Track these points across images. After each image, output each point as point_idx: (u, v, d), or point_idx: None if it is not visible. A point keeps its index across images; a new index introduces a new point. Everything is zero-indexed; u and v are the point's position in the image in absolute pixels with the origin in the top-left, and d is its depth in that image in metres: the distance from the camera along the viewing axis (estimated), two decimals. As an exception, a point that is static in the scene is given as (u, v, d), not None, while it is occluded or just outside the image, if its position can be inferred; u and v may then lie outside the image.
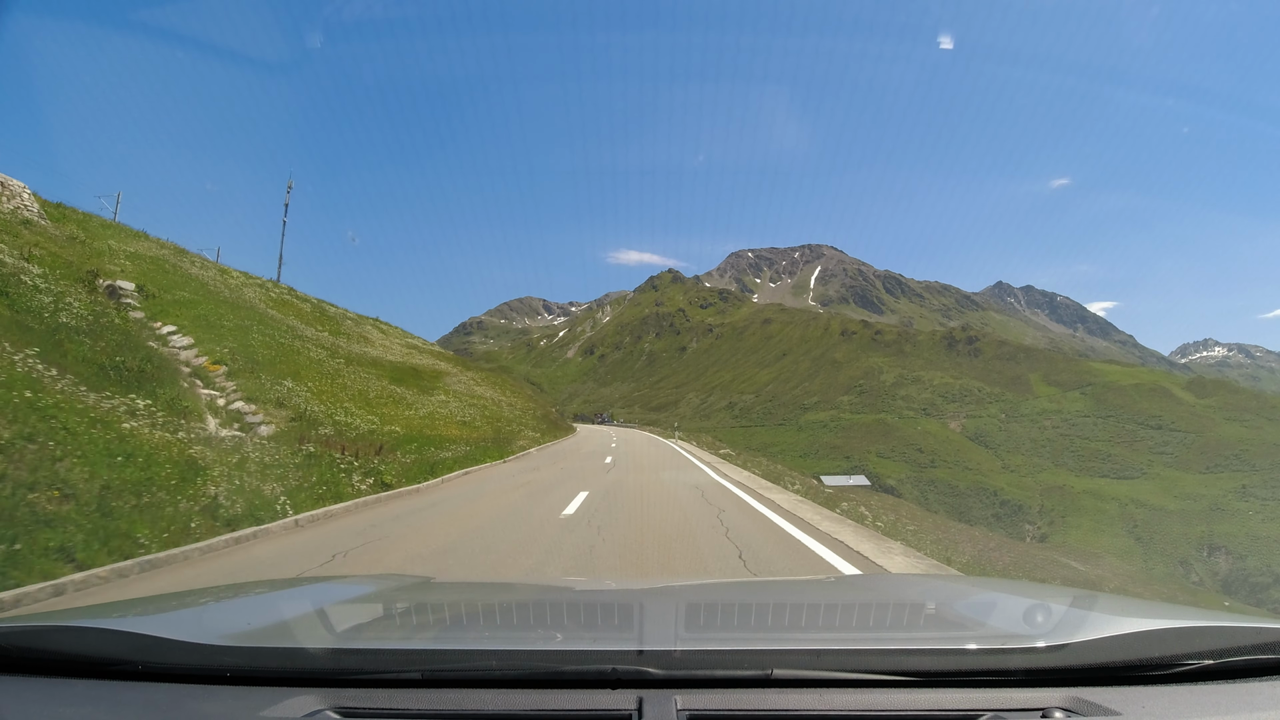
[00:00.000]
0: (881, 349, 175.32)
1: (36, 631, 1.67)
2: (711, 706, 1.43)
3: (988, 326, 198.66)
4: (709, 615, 2.33)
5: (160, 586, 6.53)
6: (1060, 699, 1.45)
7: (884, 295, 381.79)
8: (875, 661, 1.56)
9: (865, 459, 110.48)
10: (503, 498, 14.44)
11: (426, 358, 45.29)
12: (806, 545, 9.15)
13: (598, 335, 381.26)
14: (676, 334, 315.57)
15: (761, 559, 8.11)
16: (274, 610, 2.27)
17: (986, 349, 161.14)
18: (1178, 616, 1.91)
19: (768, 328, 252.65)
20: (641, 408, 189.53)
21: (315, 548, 8.60)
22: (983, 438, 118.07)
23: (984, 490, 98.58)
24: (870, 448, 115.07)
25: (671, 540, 9.49)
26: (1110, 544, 75.00)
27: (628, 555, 8.26)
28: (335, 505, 11.63)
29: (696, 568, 7.64)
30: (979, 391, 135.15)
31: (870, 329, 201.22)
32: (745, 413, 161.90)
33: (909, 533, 12.12)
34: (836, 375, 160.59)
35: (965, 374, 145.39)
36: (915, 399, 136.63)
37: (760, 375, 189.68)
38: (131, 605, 2.31)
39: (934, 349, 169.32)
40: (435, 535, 9.71)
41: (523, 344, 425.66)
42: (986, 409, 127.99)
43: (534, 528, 10.36)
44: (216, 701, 1.46)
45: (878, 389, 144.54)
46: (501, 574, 7.25)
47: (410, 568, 7.52)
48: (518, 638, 2.05)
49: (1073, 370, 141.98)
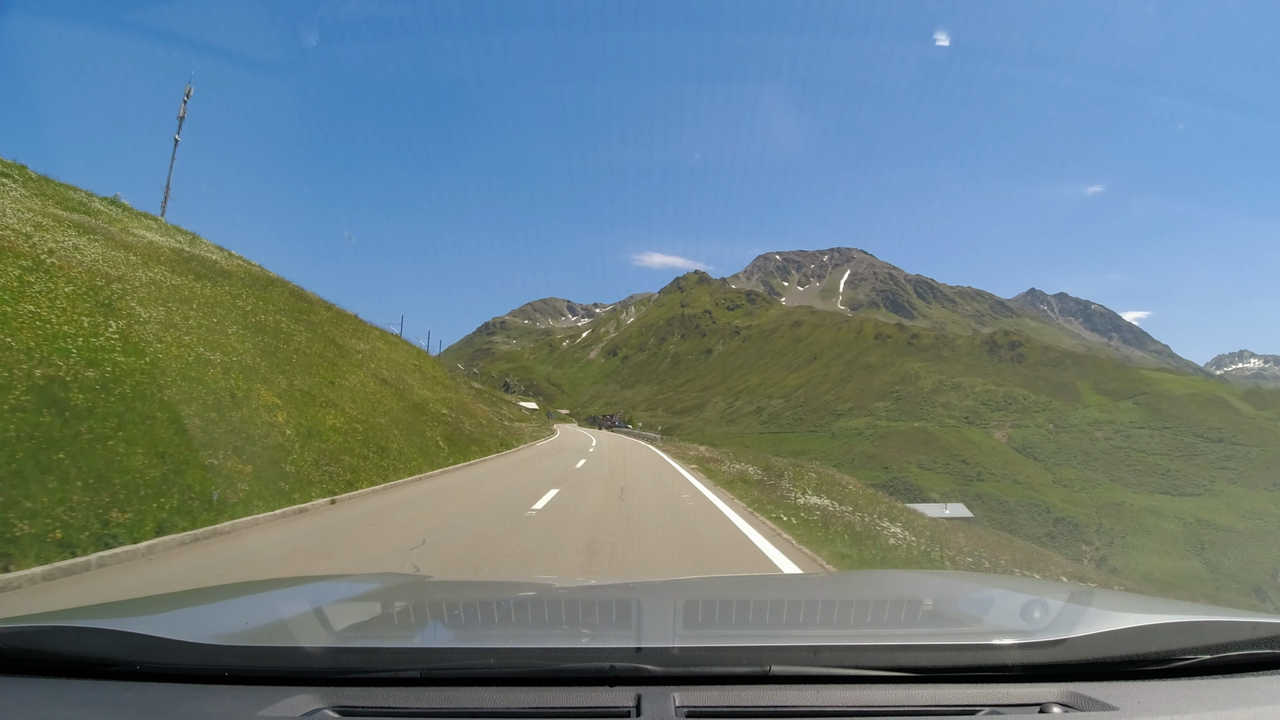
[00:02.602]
0: (918, 353, 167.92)
1: (34, 632, 1.67)
2: (710, 703, 1.43)
3: (1023, 333, 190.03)
4: (707, 612, 2.36)
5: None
6: (1058, 694, 1.46)
7: (915, 300, 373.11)
8: (873, 657, 1.57)
9: (905, 470, 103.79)
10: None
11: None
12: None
13: (621, 336, 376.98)
14: (702, 336, 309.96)
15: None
16: (272, 609, 2.28)
17: (1030, 354, 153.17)
18: (1174, 611, 1.94)
19: (797, 330, 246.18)
20: (665, 411, 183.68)
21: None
22: (1031, 449, 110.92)
23: (1035, 506, 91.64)
24: (910, 458, 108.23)
25: None
26: (1177, 568, 68.73)
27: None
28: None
29: None
30: (1024, 399, 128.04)
31: (905, 332, 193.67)
32: (774, 418, 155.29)
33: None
34: (871, 380, 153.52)
35: (1008, 380, 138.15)
36: (956, 406, 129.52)
37: (789, 379, 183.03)
38: (129, 605, 2.31)
39: (974, 354, 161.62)
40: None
41: (545, 344, 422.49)
42: (1033, 418, 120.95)
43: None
44: (215, 701, 1.46)
45: (915, 395, 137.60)
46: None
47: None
48: (516, 635, 2.08)
49: (1123, 378, 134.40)
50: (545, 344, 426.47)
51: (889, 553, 8.96)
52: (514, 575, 6.89)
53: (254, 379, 14.36)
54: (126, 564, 6.98)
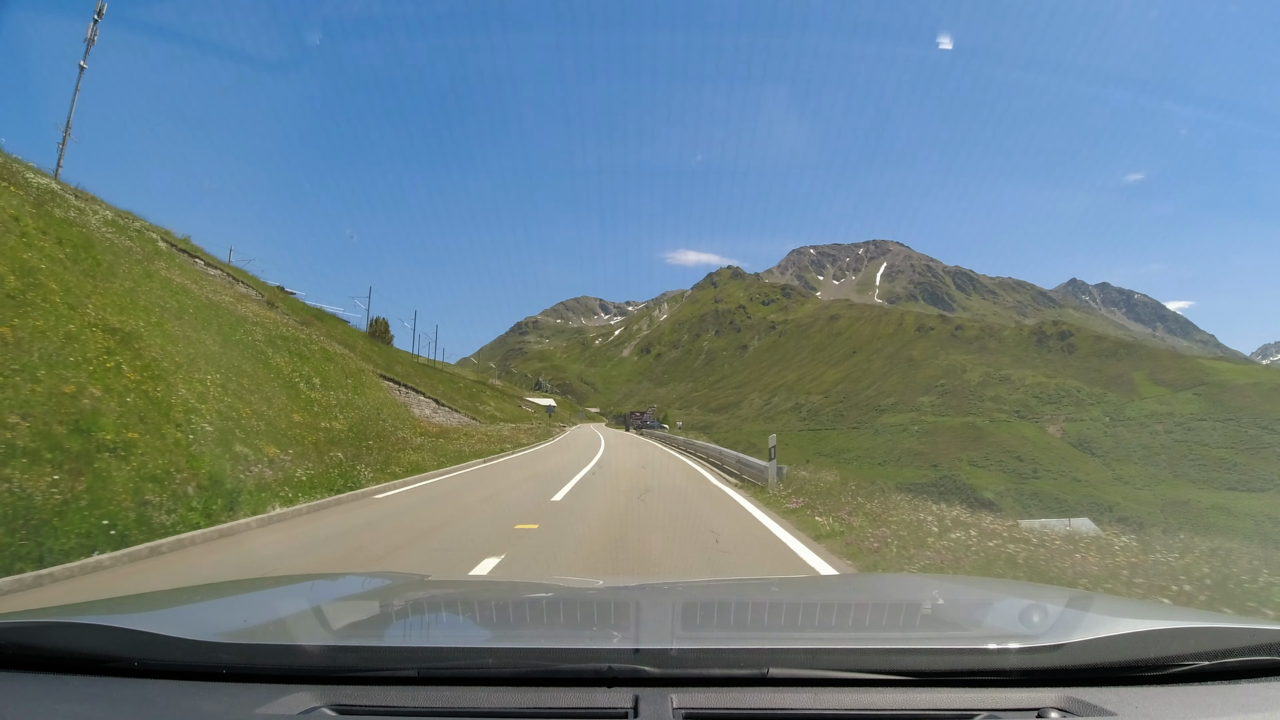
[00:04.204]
0: (962, 345, 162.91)
1: (32, 628, 1.68)
2: (707, 705, 1.44)
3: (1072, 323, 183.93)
4: (705, 614, 2.36)
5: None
6: (1056, 699, 1.46)
7: (954, 291, 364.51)
8: (871, 661, 1.57)
9: (955, 468, 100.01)
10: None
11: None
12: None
13: (654, 334, 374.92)
14: (737, 331, 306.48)
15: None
16: (270, 607, 2.27)
17: (1082, 345, 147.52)
18: (1173, 617, 1.96)
19: (835, 324, 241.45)
20: (700, 409, 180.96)
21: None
22: (1087, 444, 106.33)
23: (1096, 505, 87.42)
24: (960, 454, 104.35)
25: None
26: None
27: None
28: None
29: None
30: (1078, 392, 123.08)
31: (949, 324, 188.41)
32: (814, 414, 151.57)
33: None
34: (914, 374, 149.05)
35: (1060, 372, 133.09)
36: (1006, 400, 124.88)
37: (828, 374, 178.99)
38: (127, 602, 2.32)
39: (1021, 345, 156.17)
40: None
41: (577, 343, 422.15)
42: (1088, 411, 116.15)
43: None
44: (212, 698, 1.47)
45: (961, 389, 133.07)
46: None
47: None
48: (514, 635, 2.10)
49: (1181, 368, 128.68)
50: (578, 342, 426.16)
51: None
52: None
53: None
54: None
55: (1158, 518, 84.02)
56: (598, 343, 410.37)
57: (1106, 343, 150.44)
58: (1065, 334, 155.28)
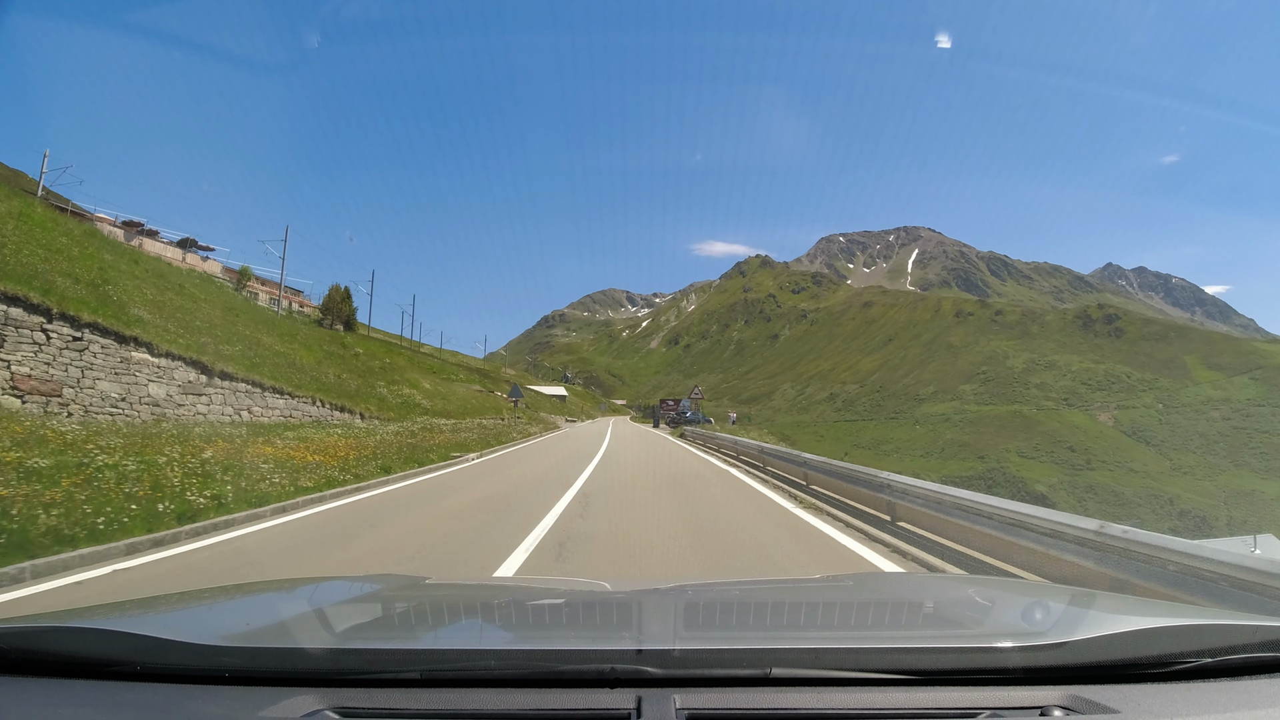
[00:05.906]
0: (1003, 331, 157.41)
1: (35, 632, 1.69)
2: (710, 705, 1.44)
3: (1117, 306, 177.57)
4: (707, 614, 2.36)
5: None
6: (1059, 697, 1.47)
7: (988, 277, 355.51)
8: (874, 660, 1.58)
9: (1004, 459, 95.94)
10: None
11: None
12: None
13: (682, 324, 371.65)
14: (767, 321, 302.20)
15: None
16: (273, 610, 2.29)
17: (1130, 329, 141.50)
18: (1176, 615, 1.97)
19: (868, 311, 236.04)
20: (731, 400, 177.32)
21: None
22: (1141, 432, 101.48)
23: (1156, 497, 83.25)
24: (1008, 445, 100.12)
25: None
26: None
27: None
28: None
29: None
30: (1128, 378, 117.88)
31: (988, 309, 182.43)
32: (849, 404, 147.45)
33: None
34: (954, 361, 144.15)
35: (1108, 357, 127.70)
36: (1052, 387, 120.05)
37: (864, 363, 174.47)
38: (130, 606, 2.32)
39: (1065, 330, 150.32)
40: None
41: (604, 335, 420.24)
42: (1140, 398, 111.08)
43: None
44: (215, 702, 1.48)
45: (1005, 376, 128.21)
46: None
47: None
48: (516, 637, 2.11)
49: (1235, 351, 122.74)
50: (605, 335, 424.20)
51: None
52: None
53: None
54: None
55: (1221, 510, 79.82)
56: (625, 335, 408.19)
57: (1155, 326, 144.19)
58: (1111, 317, 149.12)
